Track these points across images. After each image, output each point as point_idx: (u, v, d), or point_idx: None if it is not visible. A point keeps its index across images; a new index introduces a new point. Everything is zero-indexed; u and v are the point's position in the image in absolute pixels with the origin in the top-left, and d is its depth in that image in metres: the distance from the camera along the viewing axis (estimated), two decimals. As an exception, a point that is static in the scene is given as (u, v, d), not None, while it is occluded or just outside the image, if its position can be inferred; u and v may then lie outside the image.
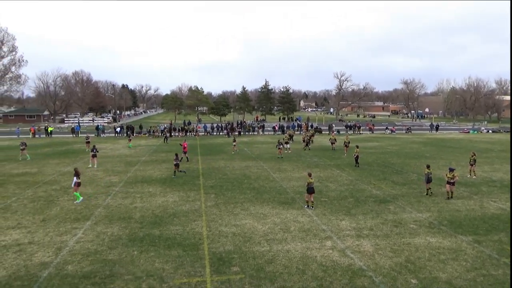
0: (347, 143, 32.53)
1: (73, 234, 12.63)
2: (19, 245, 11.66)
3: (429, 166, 18.18)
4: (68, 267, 10.06)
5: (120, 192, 18.54)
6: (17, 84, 74.71)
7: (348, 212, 15.15)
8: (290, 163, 27.35)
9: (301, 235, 12.51)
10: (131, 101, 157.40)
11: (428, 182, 17.75)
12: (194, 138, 49.85)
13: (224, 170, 24.55)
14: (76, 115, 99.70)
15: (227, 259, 10.59)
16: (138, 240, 12.07)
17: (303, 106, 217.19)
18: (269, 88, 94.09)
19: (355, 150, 26.50)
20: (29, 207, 15.88)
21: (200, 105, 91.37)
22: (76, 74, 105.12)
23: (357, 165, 25.95)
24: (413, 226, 13.45)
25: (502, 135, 54.80)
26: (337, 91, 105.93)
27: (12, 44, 70.67)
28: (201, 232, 12.77)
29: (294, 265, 10.21)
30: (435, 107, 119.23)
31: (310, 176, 15.59)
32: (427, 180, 17.73)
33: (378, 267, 10.11)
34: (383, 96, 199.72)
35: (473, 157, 22.57)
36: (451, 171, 17.08)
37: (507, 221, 14.04)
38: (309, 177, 15.52)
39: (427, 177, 17.68)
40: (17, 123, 79.68)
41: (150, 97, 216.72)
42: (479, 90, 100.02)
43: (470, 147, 38.43)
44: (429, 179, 17.69)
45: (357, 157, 26.13)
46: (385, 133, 57.47)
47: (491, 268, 10.03)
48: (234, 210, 15.39)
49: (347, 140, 32.98)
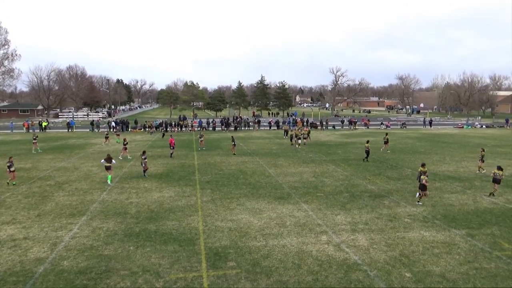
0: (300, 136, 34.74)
1: (68, 229, 12.60)
2: (14, 240, 11.62)
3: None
4: (63, 263, 10.05)
5: (115, 188, 18.49)
6: (10, 78, 74.06)
7: (343, 207, 15.25)
8: (285, 159, 27.41)
9: (296, 229, 12.59)
10: (126, 96, 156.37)
11: (497, 183, 16.93)
12: (190, 133, 49.71)
13: (220, 166, 24.55)
14: (70, 110, 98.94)
15: (223, 254, 10.64)
16: (134, 235, 12.07)
17: (299, 101, 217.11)
18: (265, 83, 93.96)
19: (365, 144, 26.67)
20: (24, 203, 15.80)
21: (196, 100, 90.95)
22: (70, 69, 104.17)
23: (367, 159, 26.07)
24: (408, 220, 13.58)
25: (496, 130, 55.28)
26: (332, 86, 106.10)
27: (5, 37, 69.92)
28: (197, 227, 12.80)
29: (290, 259, 10.28)
30: (430, 102, 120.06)
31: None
32: (495, 180, 16.91)
33: (373, 261, 10.22)
34: (379, 91, 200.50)
35: (482, 153, 22.58)
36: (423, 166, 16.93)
37: (499, 215, 14.23)
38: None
39: (496, 178, 16.85)
40: (10, 117, 78.88)
41: (145, 92, 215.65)
42: (474, 86, 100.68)
43: (463, 142, 38.76)
44: (497, 180, 16.81)
45: (368, 152, 26.23)
46: (380, 128, 57.72)
47: (483, 262, 10.18)
48: (230, 205, 15.43)
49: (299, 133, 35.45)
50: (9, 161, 18.94)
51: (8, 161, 19.02)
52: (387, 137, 31.85)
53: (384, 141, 31.41)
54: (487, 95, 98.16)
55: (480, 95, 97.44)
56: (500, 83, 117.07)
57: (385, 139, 31.43)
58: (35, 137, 32.22)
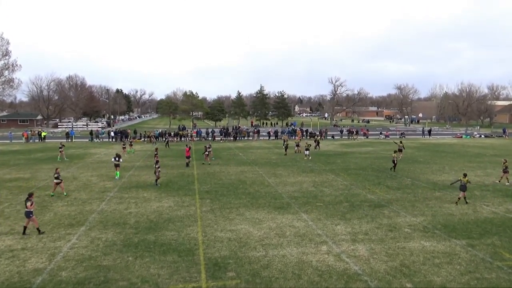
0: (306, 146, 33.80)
1: (67, 240, 12.52)
2: (12, 251, 11.54)
3: (466, 175, 17.40)
4: (62, 274, 9.96)
5: (114, 198, 18.43)
6: (10, 88, 74.35)
7: (343, 216, 15.20)
8: (285, 168, 27.40)
9: (296, 239, 12.53)
10: (125, 105, 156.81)
11: (464, 191, 16.96)
12: (189, 142, 49.73)
13: (219, 175, 24.52)
14: (70, 119, 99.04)
15: (223, 264, 10.57)
16: (133, 245, 12.00)
17: (298, 111, 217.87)
18: (264, 93, 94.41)
19: (393, 154, 26.79)
20: (22, 213, 15.64)
21: (195, 110, 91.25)
22: (70, 79, 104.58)
23: (394, 169, 26.02)
24: (408, 230, 13.53)
25: (494, 140, 55.42)
26: (331, 96, 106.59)
27: (6, 48, 70.40)
28: (196, 238, 12.73)
29: (289, 270, 10.21)
30: (428, 112, 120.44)
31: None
32: (461, 188, 16.95)
33: (373, 271, 10.15)
34: (377, 101, 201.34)
35: (505, 164, 22.17)
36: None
37: (500, 224, 14.20)
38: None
39: (462, 184, 16.92)
40: (9, 127, 78.95)
41: (144, 102, 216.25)
42: (472, 95, 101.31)
43: (463, 152, 38.83)
44: (463, 187, 16.91)
45: (395, 162, 26.16)
46: (379, 138, 57.84)
47: (484, 272, 10.13)
48: (230, 215, 15.37)
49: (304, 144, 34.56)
50: (56, 173, 18.68)
51: (55, 172, 18.75)
52: (402, 145, 33.12)
53: (399, 149, 32.44)
54: (485, 105, 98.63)
55: (478, 105, 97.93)
56: (498, 93, 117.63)
57: (400, 147, 32.60)
58: (61, 145, 33.24)
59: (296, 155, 34.91)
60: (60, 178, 18.69)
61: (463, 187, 16.88)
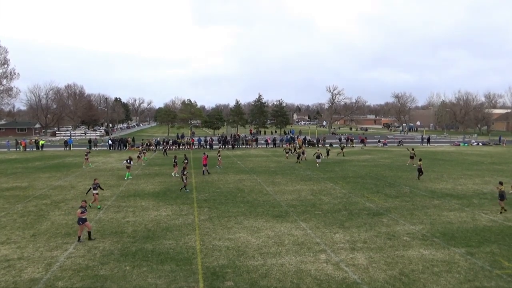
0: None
1: (64, 249, 12.42)
2: (8, 260, 11.43)
3: (502, 183, 17.35)
4: (58, 283, 9.86)
5: (112, 206, 18.34)
6: (8, 97, 74.38)
7: (341, 225, 15.16)
8: (283, 177, 27.38)
9: (295, 248, 12.47)
10: (124, 114, 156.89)
11: (502, 200, 16.84)
12: (188, 151, 49.69)
13: (218, 184, 24.46)
14: (68, 128, 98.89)
15: (221, 273, 10.49)
16: (131, 255, 11.91)
17: (296, 119, 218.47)
18: (262, 102, 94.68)
19: (418, 162, 26.94)
20: (19, 222, 15.61)
21: (194, 118, 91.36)
22: (69, 87, 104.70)
23: (419, 176, 26.13)
24: (407, 238, 13.49)
25: (492, 148, 55.61)
26: (329, 104, 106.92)
27: (4, 57, 70.64)
28: (194, 246, 12.65)
29: (288, 279, 10.14)
30: (426, 120, 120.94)
31: None
32: (501, 197, 16.89)
33: (372, 280, 10.09)
34: (375, 109, 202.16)
35: None
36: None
37: (498, 232, 14.18)
38: None
39: (501, 194, 16.85)
40: (7, 136, 78.72)
41: (143, 110, 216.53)
42: (469, 104, 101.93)
43: (461, 159, 38.91)
44: (502, 196, 16.81)
45: (420, 170, 26.23)
46: (377, 146, 57.94)
47: (484, 280, 10.08)
48: (228, 224, 15.30)
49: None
50: (94, 183, 18.23)
51: (94, 183, 18.28)
52: (413, 151, 34.15)
53: (410, 156, 33.34)
54: (483, 113, 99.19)
55: (475, 113, 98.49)
56: (495, 101, 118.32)
57: (412, 154, 33.51)
58: (87, 152, 34.16)
59: (294, 164, 34.89)
60: (100, 187, 18.37)
61: (501, 196, 16.79)
